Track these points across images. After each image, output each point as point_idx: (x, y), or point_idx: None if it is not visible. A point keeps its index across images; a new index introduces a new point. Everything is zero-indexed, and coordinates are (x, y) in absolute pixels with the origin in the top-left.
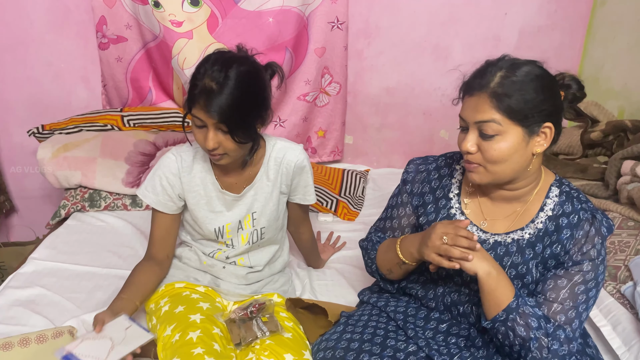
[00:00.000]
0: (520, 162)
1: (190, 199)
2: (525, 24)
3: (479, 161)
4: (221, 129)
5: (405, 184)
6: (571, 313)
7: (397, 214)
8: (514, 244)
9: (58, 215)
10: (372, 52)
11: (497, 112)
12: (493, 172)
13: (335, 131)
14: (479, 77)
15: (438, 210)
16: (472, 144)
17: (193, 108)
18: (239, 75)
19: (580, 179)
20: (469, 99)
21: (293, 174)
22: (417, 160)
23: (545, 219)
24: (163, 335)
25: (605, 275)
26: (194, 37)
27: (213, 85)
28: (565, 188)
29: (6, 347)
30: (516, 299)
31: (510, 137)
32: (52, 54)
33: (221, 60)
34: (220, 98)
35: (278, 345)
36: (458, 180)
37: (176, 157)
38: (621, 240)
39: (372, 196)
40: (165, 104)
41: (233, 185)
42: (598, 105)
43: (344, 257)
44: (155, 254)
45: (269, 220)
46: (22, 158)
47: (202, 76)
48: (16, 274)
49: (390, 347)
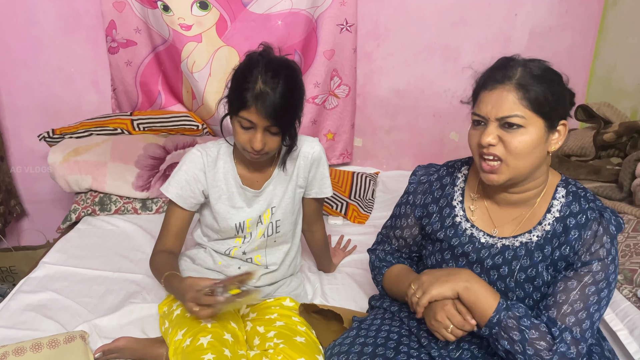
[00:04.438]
0: (540, 158)
1: (213, 194)
2: (535, 25)
3: (501, 154)
4: (269, 131)
5: (408, 195)
6: (582, 314)
7: (401, 224)
8: (522, 247)
9: (69, 219)
10: (382, 54)
11: (523, 104)
12: (514, 167)
13: (344, 134)
14: (501, 70)
15: (443, 219)
16: (494, 137)
17: (244, 110)
18: (288, 79)
19: (593, 181)
20: (488, 93)
21: (310, 167)
22: (419, 170)
23: (553, 221)
24: (174, 340)
25: (617, 274)
26: (203, 40)
27: (268, 89)
28: (572, 188)
29: (19, 352)
30: (497, 313)
31: (533, 130)
32: (63, 58)
33: (272, 66)
34: (275, 103)
35: (291, 350)
36: (461, 187)
37: (201, 152)
38: (637, 243)
39: (382, 199)
40: (175, 108)
41: (253, 181)
42: (610, 106)
43: (355, 261)
44: (172, 249)
45: (284, 213)
46: (32, 162)
47: (255, 80)
48: (28, 278)
49: (404, 352)
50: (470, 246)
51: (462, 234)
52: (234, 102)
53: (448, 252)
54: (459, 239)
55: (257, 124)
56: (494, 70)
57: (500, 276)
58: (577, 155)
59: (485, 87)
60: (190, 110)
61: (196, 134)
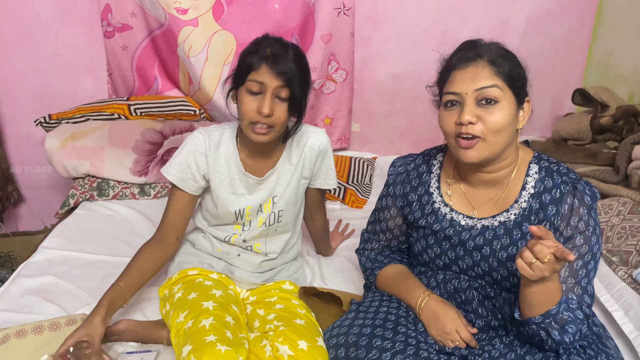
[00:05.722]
0: (512, 135)
1: (214, 179)
2: (533, 9)
3: (480, 133)
4: (279, 96)
5: (388, 187)
6: (577, 289)
7: (384, 216)
8: (501, 226)
9: (67, 205)
10: (379, 39)
11: (498, 78)
12: (492, 143)
13: (342, 119)
14: (471, 50)
15: (422, 206)
16: (473, 115)
17: (254, 72)
18: (296, 51)
19: (590, 165)
20: (462, 71)
21: (316, 158)
22: (397, 161)
23: (529, 198)
24: (176, 322)
25: (600, 244)
26: (200, 24)
27: (278, 51)
28: (545, 163)
29: (20, 334)
30: (558, 306)
31: (507, 105)
32: (58, 43)
33: (277, 38)
34: (285, 62)
35: (291, 332)
36: (437, 174)
37: (204, 135)
38: (632, 225)
39: (380, 184)
40: (172, 93)
41: (256, 168)
42: (607, 90)
43: (353, 245)
44: (166, 234)
45: (287, 204)
46: (29, 148)
47: (265, 47)
48: (27, 262)
49: (402, 333)
50: (451, 230)
51: (442, 219)
52: (241, 72)
53: (431, 237)
54: (440, 224)
55: (267, 85)
56: (463, 51)
57: (483, 256)
58: (574, 139)
59: (457, 66)
60: (187, 95)
61: (193, 119)
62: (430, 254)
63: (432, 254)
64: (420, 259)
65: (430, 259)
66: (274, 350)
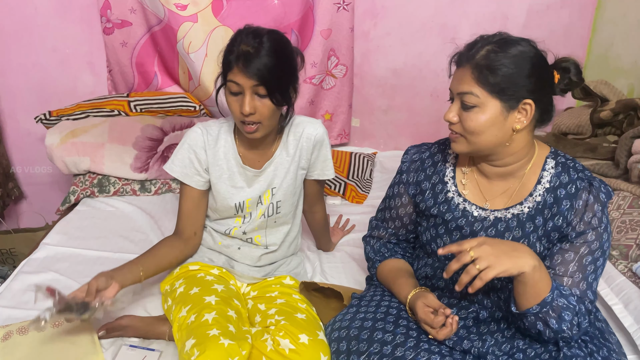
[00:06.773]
0: (499, 135)
1: (214, 173)
2: (533, 2)
3: (460, 131)
4: (258, 93)
5: (401, 174)
6: (582, 285)
7: (395, 204)
8: (514, 218)
9: (68, 201)
10: (379, 33)
11: (477, 85)
12: (472, 142)
13: (342, 114)
14: (467, 50)
15: (436, 195)
16: (454, 115)
17: (230, 73)
18: (272, 40)
19: (590, 159)
20: (456, 70)
21: (313, 148)
22: (411, 149)
23: (543, 192)
24: (179, 316)
25: (610, 242)
26: (199, 20)
27: (249, 49)
28: (561, 159)
29: (22, 331)
30: (552, 292)
31: (488, 110)
32: (57, 39)
33: (253, 30)
34: (257, 59)
35: (292, 326)
36: (452, 164)
37: (202, 130)
38: (632, 219)
39: (380, 179)
40: (171, 89)
41: (255, 161)
42: (607, 83)
43: (354, 240)
44: (182, 230)
45: (285, 195)
46: (29, 144)
47: (238, 44)
48: (29, 259)
49: (403, 326)
50: (463, 220)
51: (455, 208)
52: (223, 71)
53: (442, 226)
54: (452, 214)
55: (243, 85)
56: (464, 50)
57: None
58: (574, 133)
59: (456, 64)
60: (187, 92)
61: (193, 115)
62: (439, 243)
63: (440, 244)
64: (427, 248)
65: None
66: (275, 344)
